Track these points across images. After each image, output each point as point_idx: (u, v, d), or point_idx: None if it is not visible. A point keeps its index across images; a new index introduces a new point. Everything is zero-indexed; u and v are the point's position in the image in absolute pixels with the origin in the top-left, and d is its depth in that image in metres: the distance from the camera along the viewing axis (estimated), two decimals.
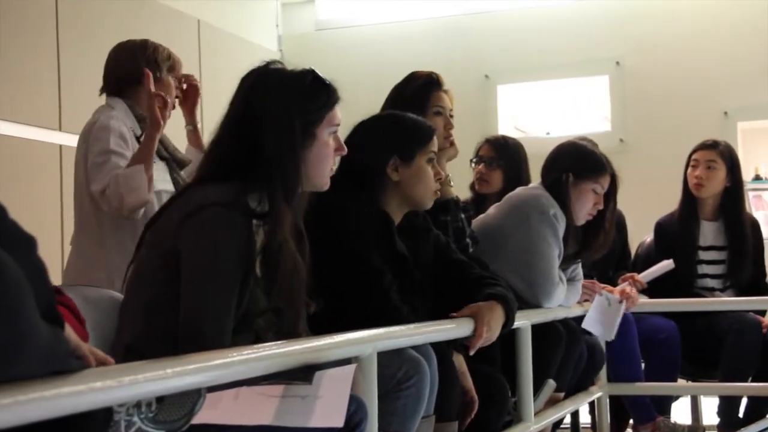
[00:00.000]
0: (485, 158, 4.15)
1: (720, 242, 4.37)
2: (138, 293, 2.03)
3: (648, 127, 6.24)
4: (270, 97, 2.08)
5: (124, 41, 3.30)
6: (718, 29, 6.16)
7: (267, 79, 2.12)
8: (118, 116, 3.13)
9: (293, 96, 2.09)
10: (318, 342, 1.88)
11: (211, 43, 6.09)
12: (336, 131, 2.18)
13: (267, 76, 2.13)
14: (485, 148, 4.19)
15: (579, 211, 3.50)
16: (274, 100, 2.07)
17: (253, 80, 2.13)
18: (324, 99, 2.13)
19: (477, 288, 2.69)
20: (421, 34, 6.81)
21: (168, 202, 2.10)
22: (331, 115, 2.15)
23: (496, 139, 4.28)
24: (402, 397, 2.32)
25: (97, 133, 3.06)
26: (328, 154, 2.15)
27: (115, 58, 3.25)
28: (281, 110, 2.07)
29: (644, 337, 4.13)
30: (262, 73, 2.14)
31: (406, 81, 3.21)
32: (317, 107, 2.11)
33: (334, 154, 2.18)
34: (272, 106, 2.07)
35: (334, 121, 2.16)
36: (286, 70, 2.15)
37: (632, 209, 4.44)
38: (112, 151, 2.99)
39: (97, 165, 2.98)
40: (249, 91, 2.12)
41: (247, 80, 2.15)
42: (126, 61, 3.20)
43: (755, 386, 4.12)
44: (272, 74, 2.13)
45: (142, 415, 1.55)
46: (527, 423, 3.03)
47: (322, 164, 2.14)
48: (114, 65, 3.24)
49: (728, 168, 4.33)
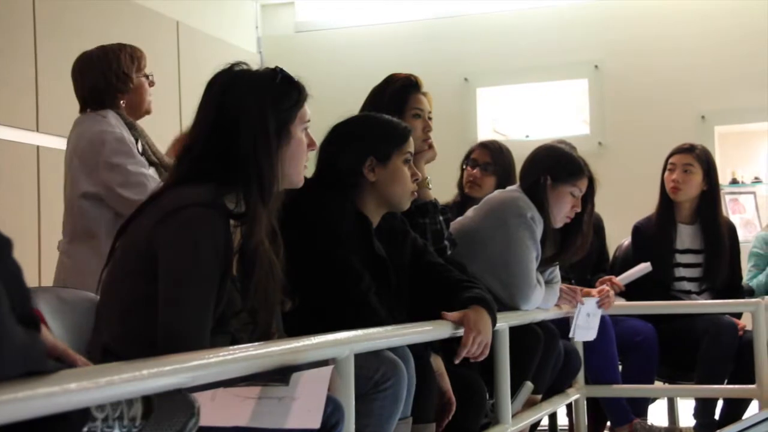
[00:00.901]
0: (480, 163, 4.14)
1: (697, 245, 4.40)
2: (114, 296, 2.02)
3: (626, 130, 6.27)
4: (243, 98, 2.08)
5: (84, 56, 3.28)
6: (697, 34, 6.20)
7: (237, 81, 2.12)
8: (117, 125, 3.18)
9: (266, 96, 2.09)
10: (295, 343, 1.88)
11: (190, 45, 6.07)
12: (308, 128, 2.19)
13: (236, 78, 2.13)
14: (480, 153, 4.17)
15: (557, 213, 3.52)
16: (248, 102, 2.08)
17: (223, 83, 2.13)
18: (295, 97, 2.14)
19: (454, 291, 2.70)
20: (400, 36, 6.82)
21: (142, 205, 2.09)
22: (302, 112, 2.16)
23: (492, 144, 4.28)
24: (379, 399, 2.32)
25: (115, 145, 3.12)
26: (302, 151, 2.17)
27: (82, 78, 3.25)
28: (255, 111, 2.07)
29: (621, 340, 4.15)
30: (230, 76, 2.14)
31: (385, 83, 3.22)
32: (289, 105, 2.12)
33: (307, 150, 2.19)
34: (246, 107, 2.07)
35: (305, 118, 2.18)
36: (254, 70, 2.16)
37: (610, 212, 4.47)
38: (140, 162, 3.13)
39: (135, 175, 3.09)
40: (220, 94, 2.11)
41: (215, 83, 2.14)
42: (95, 79, 3.21)
43: (731, 388, 4.15)
44: (242, 76, 2.13)
45: (124, 428, 1.52)
46: (504, 425, 3.03)
47: (297, 161, 2.16)
48: (84, 84, 3.24)
49: (705, 171, 4.35)
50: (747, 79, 6.08)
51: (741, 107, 6.10)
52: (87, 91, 3.23)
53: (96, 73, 3.21)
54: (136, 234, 2.02)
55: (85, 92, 3.24)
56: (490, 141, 4.42)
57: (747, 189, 6.18)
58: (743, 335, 4.16)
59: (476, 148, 4.25)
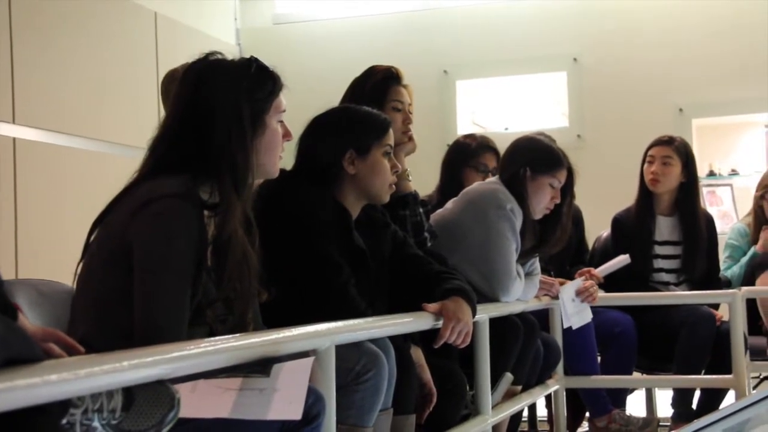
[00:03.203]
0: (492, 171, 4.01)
1: (675, 237, 4.42)
2: (89, 289, 2.01)
3: (605, 123, 6.29)
4: (217, 88, 2.07)
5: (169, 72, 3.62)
6: (675, 28, 6.22)
7: (212, 71, 2.11)
8: None
9: (240, 86, 2.08)
10: (276, 335, 1.87)
11: (169, 37, 6.03)
12: (282, 118, 2.18)
13: (211, 68, 2.12)
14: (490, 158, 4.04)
15: (536, 205, 3.52)
16: (222, 92, 2.06)
17: (197, 73, 2.12)
18: (270, 87, 2.13)
19: (433, 283, 2.70)
20: (379, 28, 6.80)
21: (117, 197, 2.07)
22: (277, 102, 2.15)
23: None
24: (360, 390, 2.33)
25: None
26: (277, 142, 2.16)
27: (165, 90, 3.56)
28: (230, 101, 2.06)
29: (600, 331, 4.16)
30: (205, 66, 2.12)
31: (365, 75, 3.21)
32: (264, 95, 2.12)
33: (282, 140, 2.18)
34: (220, 97, 2.06)
35: (281, 108, 2.17)
36: (228, 60, 2.15)
37: (589, 204, 4.48)
38: None
39: None
40: (195, 84, 2.10)
41: (190, 74, 2.13)
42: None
43: (708, 379, 4.18)
44: (216, 65, 2.12)
45: (104, 420, 1.51)
46: (485, 416, 3.04)
47: (272, 152, 2.15)
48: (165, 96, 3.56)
49: (683, 164, 4.38)
50: (724, 73, 6.11)
51: (718, 100, 6.13)
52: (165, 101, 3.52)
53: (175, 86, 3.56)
54: (110, 226, 2.01)
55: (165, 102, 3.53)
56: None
57: (724, 181, 6.21)
58: (720, 326, 4.20)
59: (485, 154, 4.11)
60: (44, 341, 1.50)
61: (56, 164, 5.04)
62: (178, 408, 1.57)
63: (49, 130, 5.00)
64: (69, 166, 5.12)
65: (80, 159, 5.19)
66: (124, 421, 1.52)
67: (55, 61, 5.09)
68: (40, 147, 4.93)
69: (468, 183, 3.81)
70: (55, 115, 5.04)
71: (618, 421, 4.12)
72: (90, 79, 5.30)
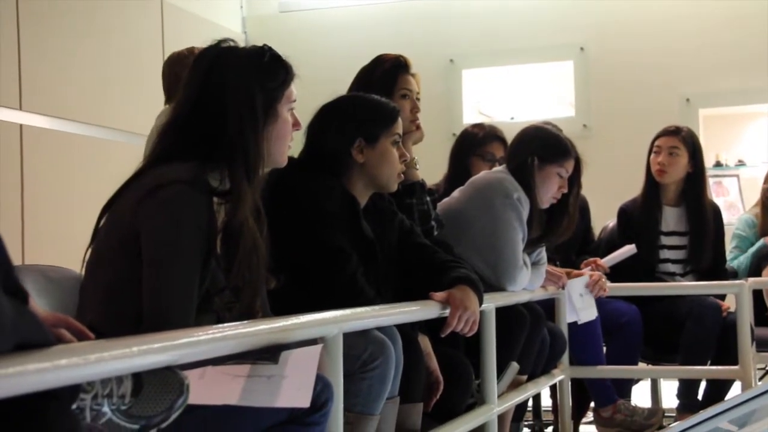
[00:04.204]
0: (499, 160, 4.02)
1: (682, 228, 4.41)
2: (98, 275, 2.01)
3: (611, 112, 6.27)
4: (230, 76, 2.06)
5: (173, 55, 3.72)
6: (682, 17, 6.21)
7: (225, 59, 2.10)
8: None
9: (253, 74, 2.07)
10: (284, 322, 1.87)
11: (175, 25, 6.02)
12: (293, 107, 2.18)
13: (224, 55, 2.11)
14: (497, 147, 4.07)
15: (543, 194, 3.52)
16: (235, 79, 2.06)
17: (210, 60, 2.11)
18: (282, 76, 2.13)
19: (440, 272, 2.70)
20: (386, 17, 6.79)
21: (126, 183, 2.07)
22: (289, 91, 2.14)
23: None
24: (367, 378, 2.33)
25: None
26: (287, 131, 2.15)
27: (170, 72, 3.64)
28: (243, 89, 2.05)
29: (606, 321, 4.16)
30: (218, 53, 2.12)
31: (373, 63, 3.20)
32: (277, 84, 2.11)
33: (291, 130, 2.18)
34: (233, 84, 2.05)
35: (292, 98, 2.16)
36: (241, 48, 2.14)
37: (595, 194, 4.47)
38: None
39: None
40: (207, 71, 2.09)
41: (202, 61, 2.12)
42: (178, 73, 3.48)
43: (714, 369, 4.18)
44: (229, 53, 2.11)
45: (113, 406, 1.51)
46: (490, 405, 3.04)
47: (282, 141, 2.14)
48: (169, 79, 3.62)
49: (690, 154, 4.37)
50: (731, 63, 6.09)
51: (725, 90, 6.12)
52: (171, 84, 3.59)
53: (181, 69, 3.48)
54: (119, 212, 2.00)
55: (170, 85, 3.61)
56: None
57: (731, 172, 6.21)
58: (727, 317, 4.19)
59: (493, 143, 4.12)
60: (55, 327, 1.50)
61: (62, 151, 5.05)
62: (187, 394, 1.57)
63: (55, 116, 5.01)
64: (75, 153, 5.13)
65: (86, 146, 5.19)
66: (134, 407, 1.52)
67: (62, 48, 5.08)
68: (46, 133, 4.94)
69: (475, 172, 3.81)
70: (61, 101, 5.05)
71: (623, 411, 4.12)
72: (96, 66, 5.30)
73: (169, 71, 3.68)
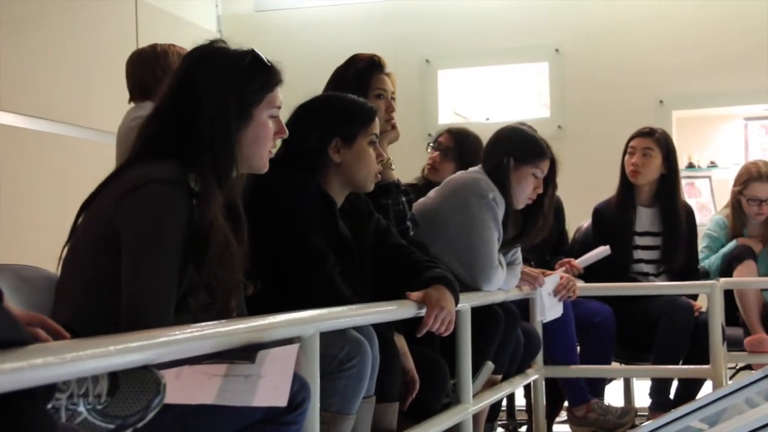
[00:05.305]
0: (442, 147, 4.14)
1: (655, 228, 4.45)
2: (75, 273, 2.00)
3: (586, 114, 6.31)
4: (207, 75, 2.06)
5: (137, 52, 3.67)
6: (656, 19, 6.25)
7: (206, 58, 2.10)
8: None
9: (230, 75, 2.06)
10: (261, 321, 1.87)
11: (149, 23, 6.00)
12: (277, 113, 2.16)
13: (207, 54, 2.11)
14: (445, 137, 4.17)
15: (519, 195, 3.53)
16: (211, 79, 2.05)
17: (193, 58, 2.11)
18: (263, 80, 2.11)
19: (416, 271, 2.70)
20: (362, 17, 6.79)
21: (105, 181, 2.06)
22: (271, 96, 2.12)
23: (458, 131, 4.26)
24: (344, 378, 2.33)
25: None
26: (265, 136, 2.12)
27: (134, 71, 3.59)
28: (217, 89, 2.04)
29: (580, 321, 4.19)
30: (202, 52, 2.12)
31: (348, 63, 3.20)
32: (255, 88, 2.09)
33: (274, 136, 2.15)
34: (208, 84, 2.04)
35: (275, 103, 2.14)
36: (227, 49, 2.13)
37: (570, 195, 4.50)
38: None
39: None
40: (188, 69, 2.09)
41: (188, 58, 2.13)
42: (144, 71, 3.53)
43: (685, 369, 4.21)
44: (212, 53, 2.11)
45: (89, 405, 1.50)
46: (466, 404, 3.05)
47: (259, 146, 2.11)
48: (134, 77, 3.58)
49: (664, 155, 4.40)
50: (705, 65, 6.14)
51: (699, 92, 6.17)
52: (136, 82, 3.55)
53: (145, 67, 3.53)
54: (98, 210, 1.99)
55: (135, 83, 3.56)
56: (458, 128, 4.40)
57: (703, 173, 6.26)
58: (699, 316, 4.22)
59: (443, 133, 4.24)
60: (30, 325, 1.49)
61: (36, 149, 5.01)
62: (164, 393, 1.56)
63: (31, 116, 4.98)
64: (49, 152, 5.09)
65: (60, 144, 5.16)
66: (110, 406, 1.51)
67: (36, 47, 5.04)
68: (21, 132, 4.91)
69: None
70: (35, 101, 5.01)
71: (596, 410, 4.15)
72: (70, 65, 5.27)
73: (132, 69, 3.61)
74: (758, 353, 4.28)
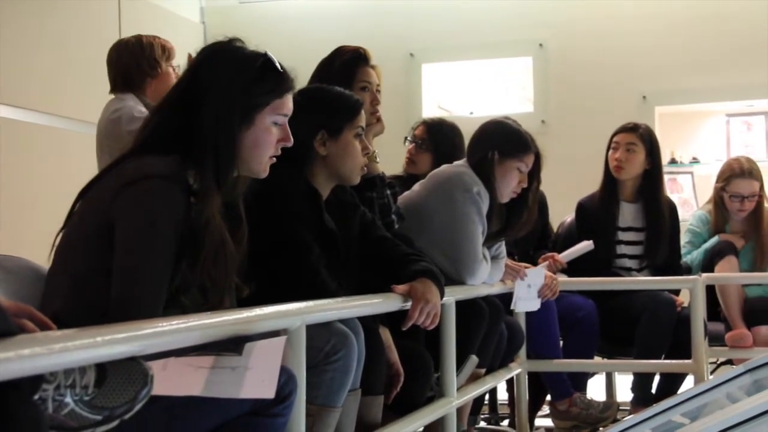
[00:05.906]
0: (417, 139, 4.15)
1: (638, 223, 4.47)
2: (68, 264, 1.98)
3: (569, 109, 6.32)
4: (216, 73, 2.05)
5: (121, 42, 3.63)
6: (641, 15, 6.27)
7: (219, 55, 2.09)
8: (135, 105, 3.43)
9: (238, 76, 2.05)
10: (247, 313, 1.86)
11: (132, 14, 5.96)
12: (283, 120, 2.13)
13: (220, 52, 2.10)
14: (420, 129, 4.18)
15: (504, 188, 3.54)
16: (219, 77, 2.04)
17: (206, 54, 2.10)
18: (271, 85, 2.09)
19: (401, 265, 2.70)
20: (347, 10, 6.77)
21: (102, 172, 2.05)
22: (278, 102, 2.10)
23: (432, 122, 4.28)
24: (330, 371, 2.33)
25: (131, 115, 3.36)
26: (266, 141, 2.10)
27: (117, 61, 3.57)
28: (224, 88, 2.03)
29: (563, 316, 4.20)
30: (216, 49, 2.11)
31: (333, 55, 3.20)
32: (263, 92, 2.07)
33: (277, 143, 2.13)
34: (216, 82, 2.04)
35: (282, 110, 2.11)
36: (242, 49, 2.11)
37: (553, 189, 4.51)
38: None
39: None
40: (199, 65, 2.08)
41: (200, 54, 2.12)
42: (127, 62, 3.53)
43: (667, 363, 4.23)
44: (226, 51, 2.10)
45: (76, 396, 1.49)
46: (450, 398, 3.05)
47: (259, 151, 2.09)
48: (117, 67, 3.56)
49: (648, 151, 4.42)
50: (688, 61, 6.16)
51: (681, 88, 6.19)
52: (119, 73, 3.54)
53: (129, 57, 3.53)
54: (94, 201, 1.98)
55: (117, 74, 3.54)
56: (432, 118, 4.41)
57: (685, 169, 6.28)
58: (681, 311, 4.25)
59: (418, 125, 4.25)
60: (17, 317, 1.48)
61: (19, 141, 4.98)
62: (151, 385, 1.56)
63: (12, 105, 4.94)
64: (32, 143, 5.06)
65: (43, 136, 5.13)
66: (97, 398, 1.50)
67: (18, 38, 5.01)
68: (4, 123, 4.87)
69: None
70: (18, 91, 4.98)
71: (579, 404, 4.16)
72: (53, 55, 5.24)
73: (115, 59, 3.58)
74: (739, 348, 4.30)
